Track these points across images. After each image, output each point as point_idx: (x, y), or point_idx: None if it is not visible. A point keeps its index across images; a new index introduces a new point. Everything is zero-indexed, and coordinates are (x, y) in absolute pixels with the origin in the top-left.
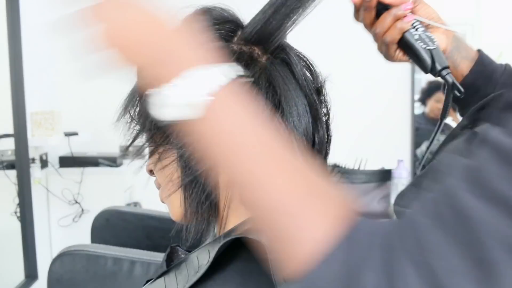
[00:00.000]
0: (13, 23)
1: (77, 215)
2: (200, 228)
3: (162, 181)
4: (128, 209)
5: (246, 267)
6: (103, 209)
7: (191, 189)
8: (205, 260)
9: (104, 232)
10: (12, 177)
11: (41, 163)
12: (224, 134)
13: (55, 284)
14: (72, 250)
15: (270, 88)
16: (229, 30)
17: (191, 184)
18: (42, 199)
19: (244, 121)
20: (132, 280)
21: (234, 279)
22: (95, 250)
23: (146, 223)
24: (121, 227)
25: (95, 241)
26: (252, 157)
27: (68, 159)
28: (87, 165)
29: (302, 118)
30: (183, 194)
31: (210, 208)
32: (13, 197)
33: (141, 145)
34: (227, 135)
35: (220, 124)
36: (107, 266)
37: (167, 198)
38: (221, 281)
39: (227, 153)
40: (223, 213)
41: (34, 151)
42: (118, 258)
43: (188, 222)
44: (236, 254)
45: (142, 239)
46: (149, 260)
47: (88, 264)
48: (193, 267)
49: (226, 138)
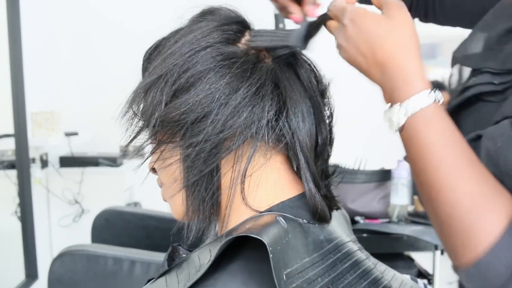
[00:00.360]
0: (13, 23)
1: (77, 215)
2: (201, 227)
3: (165, 179)
4: (128, 209)
5: (248, 266)
6: (103, 209)
7: (194, 188)
8: (206, 259)
9: (104, 232)
10: (12, 177)
11: (42, 163)
12: (427, 145)
13: (55, 284)
14: (72, 250)
15: (275, 89)
16: (236, 31)
17: (194, 184)
18: (43, 199)
19: (444, 135)
20: (132, 280)
21: (236, 278)
22: (95, 250)
23: (146, 223)
24: (121, 227)
25: (95, 241)
26: (449, 163)
27: (68, 159)
28: (87, 165)
29: (306, 119)
30: (185, 193)
31: (212, 207)
32: (14, 197)
33: (144, 142)
34: (430, 146)
35: (426, 137)
36: (107, 266)
37: (169, 197)
38: (222, 280)
39: (428, 159)
40: (224, 211)
41: (35, 151)
42: (118, 258)
43: (189, 220)
44: (237, 253)
45: (142, 239)
46: (149, 260)
47: (88, 264)
48: (195, 266)
49: (429, 148)
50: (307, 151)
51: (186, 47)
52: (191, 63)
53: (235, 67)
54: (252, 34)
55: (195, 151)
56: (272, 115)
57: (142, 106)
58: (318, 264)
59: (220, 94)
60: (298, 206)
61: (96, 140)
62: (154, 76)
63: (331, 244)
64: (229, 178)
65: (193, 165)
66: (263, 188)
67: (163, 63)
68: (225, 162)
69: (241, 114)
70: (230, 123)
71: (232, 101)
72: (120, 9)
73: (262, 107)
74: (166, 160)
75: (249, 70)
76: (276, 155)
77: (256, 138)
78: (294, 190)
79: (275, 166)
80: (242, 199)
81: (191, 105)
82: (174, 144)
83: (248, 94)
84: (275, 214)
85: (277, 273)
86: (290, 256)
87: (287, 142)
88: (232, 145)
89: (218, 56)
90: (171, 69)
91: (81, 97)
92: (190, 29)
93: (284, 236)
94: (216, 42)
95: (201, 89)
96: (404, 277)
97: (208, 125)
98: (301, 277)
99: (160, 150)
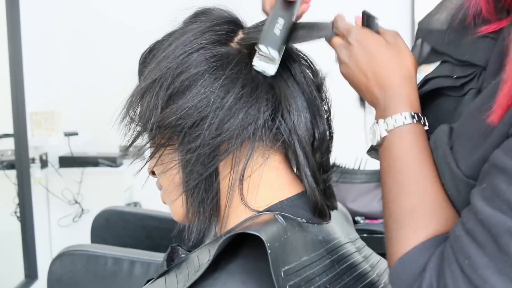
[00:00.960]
0: (13, 23)
1: (77, 215)
2: (202, 228)
3: (164, 183)
4: (128, 209)
5: (246, 265)
6: (103, 209)
7: (194, 190)
8: (205, 259)
9: (104, 232)
10: (12, 177)
11: (41, 163)
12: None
13: (55, 284)
14: (72, 250)
15: (270, 88)
16: (228, 31)
17: (194, 187)
18: (42, 199)
19: (410, 151)
20: (132, 280)
21: (235, 277)
22: (95, 250)
23: (146, 223)
24: (121, 227)
25: (95, 241)
26: (401, 176)
27: (68, 159)
28: (87, 165)
29: (302, 115)
30: (185, 195)
31: (212, 208)
32: (13, 197)
33: (142, 146)
34: (395, 159)
35: (395, 150)
36: (107, 266)
37: (168, 198)
38: (221, 280)
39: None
40: (224, 212)
41: (34, 151)
42: (118, 258)
43: (189, 222)
44: (236, 252)
45: (142, 239)
46: (149, 260)
47: (88, 264)
48: (194, 267)
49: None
50: (306, 146)
51: (179, 49)
52: (184, 66)
53: (229, 68)
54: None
55: (194, 156)
56: (268, 115)
57: (138, 111)
58: (316, 263)
59: (215, 97)
60: (297, 205)
61: (96, 140)
62: (149, 80)
63: (329, 245)
64: (228, 179)
65: (192, 170)
66: (262, 188)
67: (157, 66)
68: (224, 163)
69: (237, 116)
70: (227, 126)
71: (227, 103)
72: (120, 9)
73: (257, 107)
74: (165, 165)
75: (242, 70)
76: (274, 155)
77: (253, 139)
78: (293, 189)
79: (273, 166)
80: (241, 199)
81: (187, 110)
82: (172, 148)
83: (243, 95)
84: (273, 213)
85: (275, 269)
86: (289, 254)
87: (284, 140)
88: (230, 147)
89: (211, 58)
90: (165, 72)
91: (81, 97)
92: (183, 31)
93: (282, 234)
94: (209, 43)
95: (196, 92)
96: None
97: (205, 129)
98: (299, 275)
99: (158, 154)
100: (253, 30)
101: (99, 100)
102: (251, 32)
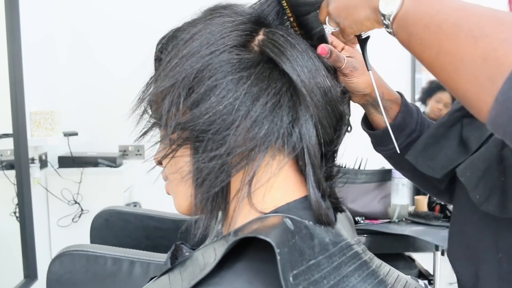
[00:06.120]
0: (12, 23)
1: (77, 215)
2: (208, 223)
3: (171, 173)
4: (128, 209)
5: (253, 266)
6: (103, 209)
7: (203, 182)
8: (211, 258)
9: (104, 232)
10: (11, 177)
11: (41, 163)
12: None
13: (54, 284)
14: (71, 250)
15: (291, 96)
16: (252, 30)
17: (204, 179)
18: (42, 199)
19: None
20: (132, 280)
21: (241, 277)
22: (94, 250)
23: (145, 223)
24: (120, 227)
25: (94, 241)
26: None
27: (68, 159)
28: (87, 165)
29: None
30: (193, 187)
31: (219, 205)
32: (13, 197)
33: (158, 140)
34: (438, 13)
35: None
36: (107, 266)
37: (173, 190)
38: (228, 279)
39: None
40: (232, 213)
41: (34, 151)
42: (118, 258)
43: (194, 215)
44: (242, 252)
45: (141, 239)
46: (148, 260)
47: (88, 264)
48: (199, 265)
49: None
50: (314, 157)
51: (204, 48)
52: (209, 67)
53: (254, 74)
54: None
55: (218, 164)
56: (288, 123)
57: (157, 107)
58: (324, 266)
59: (240, 105)
60: (304, 207)
61: (96, 140)
62: (172, 79)
63: (337, 246)
64: (239, 179)
65: (206, 179)
66: (270, 189)
67: (181, 63)
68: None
69: (263, 126)
70: (252, 135)
71: (253, 112)
72: (120, 9)
73: (281, 116)
74: (177, 158)
75: (267, 77)
76: (284, 158)
77: (275, 147)
78: (300, 191)
79: (282, 168)
80: (248, 200)
81: (211, 116)
82: (187, 147)
83: (268, 104)
84: (281, 216)
85: (284, 275)
86: (297, 258)
87: (295, 146)
88: (254, 154)
89: (236, 62)
90: (190, 72)
91: (80, 97)
92: (206, 25)
93: (291, 238)
94: (234, 46)
95: (221, 97)
96: (408, 278)
97: (231, 137)
98: (307, 279)
99: (172, 148)
100: (274, 31)
101: (98, 100)
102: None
